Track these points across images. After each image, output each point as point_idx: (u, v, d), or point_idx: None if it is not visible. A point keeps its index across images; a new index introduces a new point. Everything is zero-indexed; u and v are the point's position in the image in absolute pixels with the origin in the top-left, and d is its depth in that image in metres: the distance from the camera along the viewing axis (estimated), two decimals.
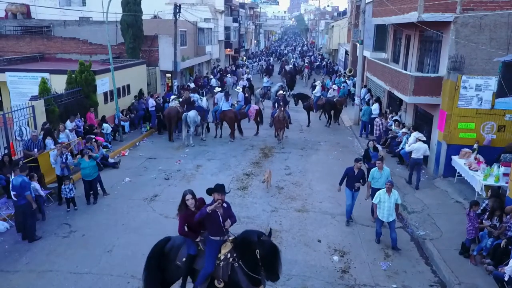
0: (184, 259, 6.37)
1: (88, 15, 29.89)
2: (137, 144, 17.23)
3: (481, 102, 12.15)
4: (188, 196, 6.39)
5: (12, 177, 9.17)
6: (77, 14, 30.36)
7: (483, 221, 8.77)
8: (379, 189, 9.54)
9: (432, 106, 13.59)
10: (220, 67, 37.69)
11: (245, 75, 31.37)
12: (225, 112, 17.49)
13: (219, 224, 6.19)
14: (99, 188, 11.59)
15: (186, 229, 6.40)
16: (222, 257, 6.16)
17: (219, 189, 6.25)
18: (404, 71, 14.48)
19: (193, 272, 6.41)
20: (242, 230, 8.72)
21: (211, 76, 31.63)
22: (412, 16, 13.01)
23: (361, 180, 10.05)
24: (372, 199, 10.10)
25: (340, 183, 10.35)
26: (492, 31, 12.08)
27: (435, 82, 12.90)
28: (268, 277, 5.96)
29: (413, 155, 12.63)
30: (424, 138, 12.93)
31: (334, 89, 23.08)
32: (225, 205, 6.33)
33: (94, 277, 7.87)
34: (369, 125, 18.28)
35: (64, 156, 11.01)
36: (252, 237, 5.91)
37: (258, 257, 5.75)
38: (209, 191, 6.36)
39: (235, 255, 6.12)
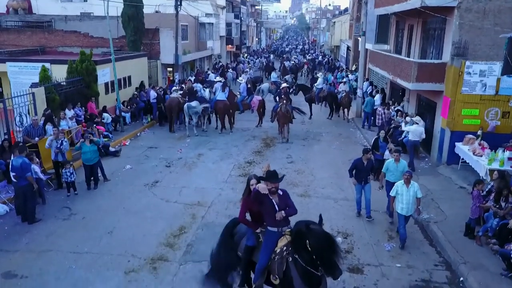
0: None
1: (90, 10, 29.89)
2: (138, 134, 17.16)
3: (485, 88, 12.04)
4: (253, 181, 5.97)
5: (12, 158, 9.08)
6: (78, 10, 30.40)
7: (488, 202, 8.65)
8: (393, 183, 9.01)
9: (435, 93, 13.47)
10: (221, 63, 37.61)
11: (248, 70, 31.27)
12: (217, 102, 17.30)
13: (275, 213, 5.67)
14: (99, 174, 11.51)
15: (248, 218, 6.02)
16: (278, 251, 5.66)
17: (271, 176, 5.69)
18: (407, 58, 14.40)
19: (253, 265, 6.01)
20: None
21: (209, 72, 31.51)
22: (415, 2, 12.90)
23: (370, 172, 9.50)
24: (384, 189, 9.86)
25: (351, 175, 9.67)
26: (496, 16, 11.96)
27: (439, 68, 12.78)
28: (325, 272, 5.27)
29: (410, 137, 12.65)
30: (422, 122, 12.89)
31: (344, 83, 22.55)
32: (280, 192, 5.80)
33: (94, 256, 7.78)
34: (372, 117, 18.17)
35: (60, 141, 10.86)
36: (301, 227, 5.34)
37: (309, 248, 5.21)
38: (262, 179, 5.87)
39: (290, 249, 5.60)
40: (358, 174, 9.55)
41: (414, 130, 12.62)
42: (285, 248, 5.63)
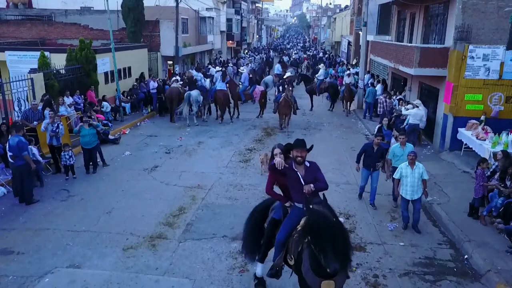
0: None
1: (90, 4, 29.75)
2: (138, 124, 17.04)
3: (489, 72, 11.89)
4: (277, 151, 5.43)
5: (9, 138, 8.95)
6: (78, 4, 30.25)
7: (493, 181, 8.52)
8: None
9: (438, 79, 13.32)
10: (222, 58, 37.45)
11: (249, 63, 31.12)
12: (216, 92, 17.09)
13: (300, 187, 5.11)
14: (98, 159, 11.39)
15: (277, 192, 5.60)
16: (299, 229, 4.99)
17: (298, 144, 5.16)
18: (410, 44, 14.25)
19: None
20: (245, 197, 8.37)
21: (210, 66, 31.33)
22: None
23: (380, 159, 9.17)
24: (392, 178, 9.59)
25: (358, 161, 9.33)
26: None
27: (441, 53, 12.62)
28: (324, 262, 4.44)
29: (410, 121, 12.55)
30: (423, 106, 12.81)
31: (349, 75, 22.06)
32: (307, 164, 5.24)
33: (92, 234, 7.66)
34: (373, 107, 18.01)
35: (55, 125, 10.70)
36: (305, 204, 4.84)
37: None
38: (288, 147, 5.35)
39: None
40: (367, 160, 9.20)
41: (414, 113, 12.55)
42: None
